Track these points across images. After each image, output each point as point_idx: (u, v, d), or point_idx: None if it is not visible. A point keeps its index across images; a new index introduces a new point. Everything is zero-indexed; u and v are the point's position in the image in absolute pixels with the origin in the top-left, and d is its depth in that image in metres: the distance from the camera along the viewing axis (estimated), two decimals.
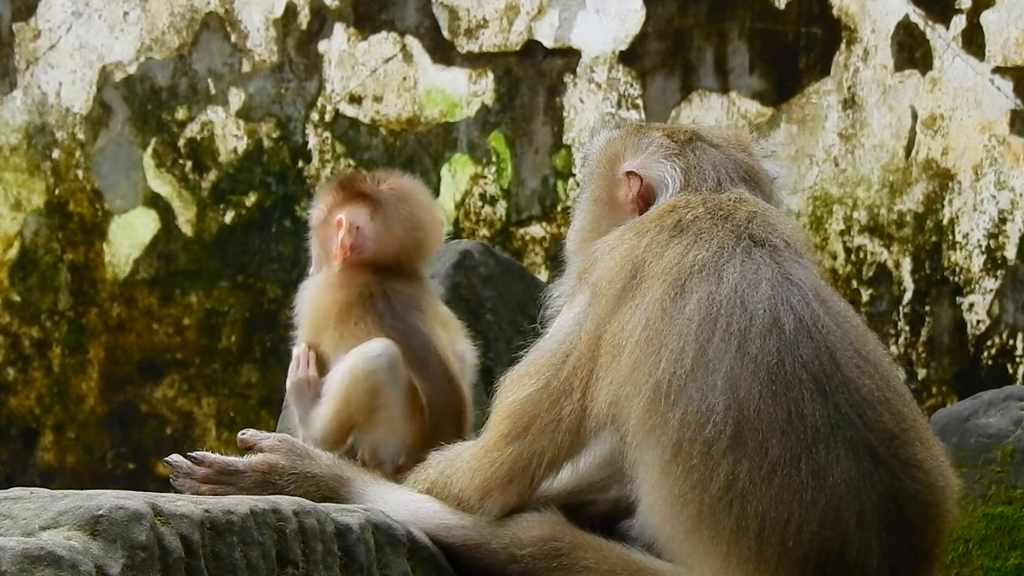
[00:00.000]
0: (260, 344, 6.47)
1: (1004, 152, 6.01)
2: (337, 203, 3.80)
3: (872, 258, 6.10)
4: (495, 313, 4.77)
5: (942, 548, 3.23)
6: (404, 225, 3.79)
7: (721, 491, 3.04)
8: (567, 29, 6.32)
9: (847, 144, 6.13)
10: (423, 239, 3.84)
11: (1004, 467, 3.96)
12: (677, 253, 3.21)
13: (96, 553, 2.70)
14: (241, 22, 6.53)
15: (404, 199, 3.83)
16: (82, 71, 6.62)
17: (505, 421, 3.28)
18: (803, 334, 3.11)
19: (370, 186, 3.80)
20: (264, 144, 6.52)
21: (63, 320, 6.62)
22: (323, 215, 3.83)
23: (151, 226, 6.58)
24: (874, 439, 3.09)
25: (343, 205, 3.78)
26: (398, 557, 3.20)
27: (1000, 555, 3.92)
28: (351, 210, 3.75)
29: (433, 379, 3.67)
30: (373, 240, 3.75)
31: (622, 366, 3.15)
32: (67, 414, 6.59)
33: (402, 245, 3.78)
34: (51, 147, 6.65)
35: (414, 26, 6.43)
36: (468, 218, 6.37)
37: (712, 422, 3.05)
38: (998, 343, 6.00)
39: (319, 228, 3.85)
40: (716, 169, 3.44)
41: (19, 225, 6.67)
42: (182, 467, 3.45)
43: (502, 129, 6.37)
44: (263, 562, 2.95)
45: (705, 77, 6.24)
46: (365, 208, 3.76)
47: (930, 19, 6.08)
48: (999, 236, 6.00)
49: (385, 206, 3.77)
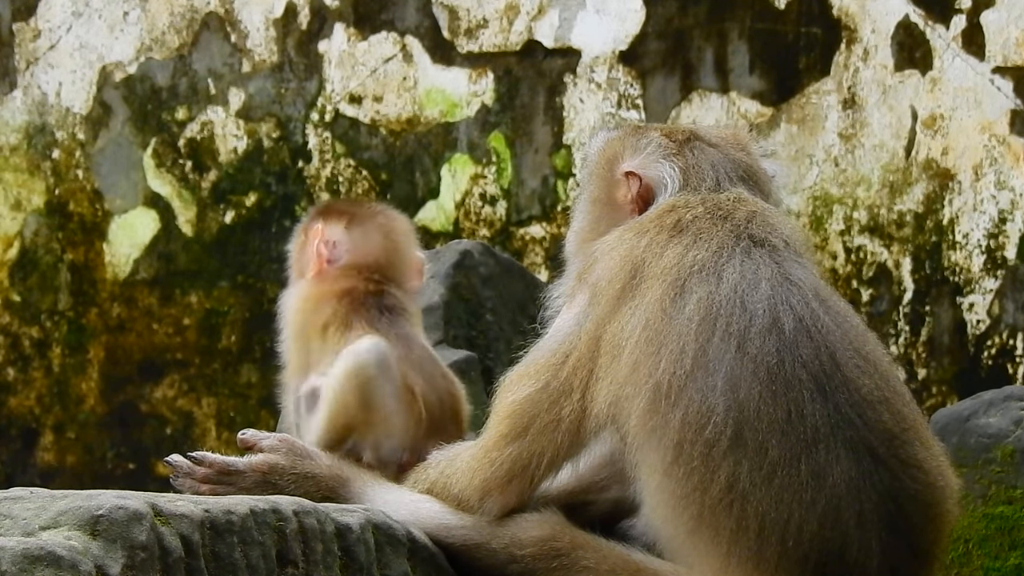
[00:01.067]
0: (260, 344, 6.47)
1: (1004, 152, 6.01)
2: (313, 218, 3.88)
3: (872, 258, 6.10)
4: (495, 313, 4.78)
5: (942, 548, 3.23)
6: (379, 233, 3.84)
7: (721, 492, 3.04)
8: (567, 29, 6.32)
9: (847, 144, 6.13)
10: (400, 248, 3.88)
11: (1004, 467, 3.96)
12: (677, 253, 3.21)
13: (96, 553, 2.70)
14: (241, 22, 6.53)
15: (380, 212, 3.93)
16: (82, 71, 6.62)
17: (505, 421, 3.28)
18: (803, 334, 3.11)
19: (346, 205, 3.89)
20: (264, 144, 6.52)
21: (63, 320, 6.62)
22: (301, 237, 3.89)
23: (151, 226, 6.58)
24: (874, 439, 3.09)
25: (318, 219, 3.86)
26: (398, 557, 3.20)
27: (1000, 555, 3.92)
28: (326, 221, 3.82)
29: (428, 376, 3.67)
30: (349, 250, 3.79)
31: (622, 366, 3.15)
32: (67, 414, 6.60)
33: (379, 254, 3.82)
34: (51, 147, 6.65)
35: (414, 26, 6.43)
36: (468, 218, 6.37)
37: (712, 423, 3.05)
38: (998, 343, 6.00)
39: (296, 243, 3.91)
40: (715, 169, 3.44)
41: (19, 225, 6.67)
42: (182, 467, 3.45)
43: (502, 129, 6.37)
44: (263, 562, 2.95)
45: (705, 77, 6.24)
46: (341, 220, 3.82)
47: (930, 19, 6.08)
48: (999, 236, 6.00)
49: (360, 217, 3.84)
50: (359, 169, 6.44)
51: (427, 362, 3.69)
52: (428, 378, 3.67)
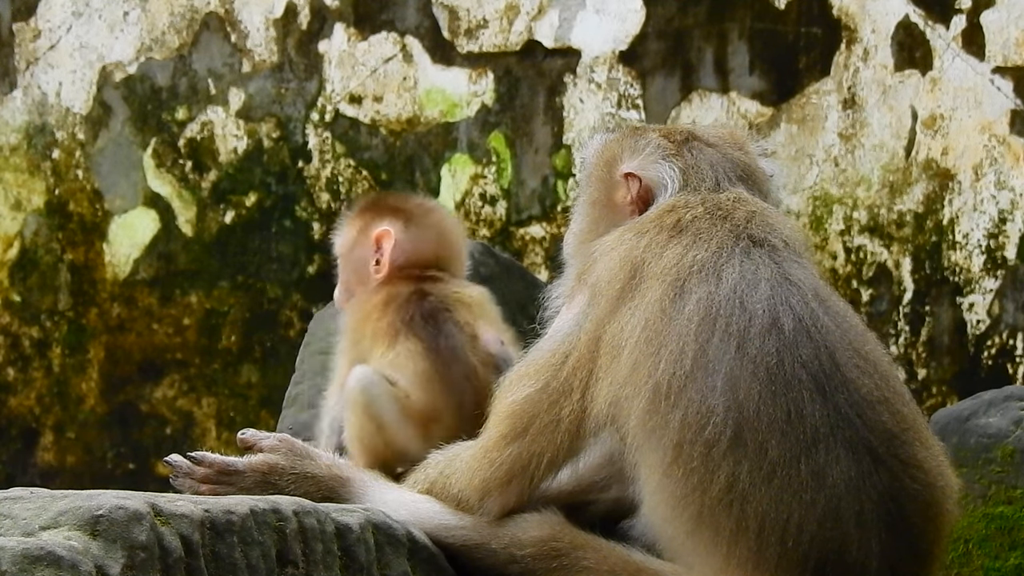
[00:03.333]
0: (260, 344, 6.47)
1: (1004, 152, 6.01)
2: (370, 221, 3.85)
3: (872, 258, 6.10)
4: None
5: (942, 548, 3.23)
6: (434, 231, 3.85)
7: (721, 492, 3.04)
8: (567, 29, 6.32)
9: (847, 144, 6.13)
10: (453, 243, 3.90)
11: (1004, 467, 3.96)
12: (676, 253, 3.21)
13: (96, 553, 2.70)
14: (241, 22, 6.53)
15: (432, 210, 3.95)
16: (82, 71, 6.62)
17: (504, 421, 3.28)
18: (802, 334, 3.11)
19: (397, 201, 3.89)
20: (264, 144, 6.52)
21: (63, 320, 6.62)
22: (354, 236, 3.87)
23: (151, 226, 6.58)
24: (874, 439, 3.09)
25: (378, 220, 3.84)
26: (398, 557, 3.20)
27: (1000, 555, 3.92)
28: (389, 222, 3.81)
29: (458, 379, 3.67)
30: (408, 250, 3.80)
31: (621, 367, 3.15)
32: (67, 414, 6.59)
33: (435, 251, 3.83)
34: (51, 147, 6.65)
35: (414, 26, 6.43)
36: (468, 218, 6.37)
37: (712, 423, 3.05)
38: (998, 343, 6.00)
39: (351, 250, 3.89)
40: (714, 169, 3.44)
41: (19, 225, 6.67)
42: (182, 467, 3.46)
43: (502, 129, 6.37)
44: (263, 562, 2.95)
45: (705, 77, 6.24)
46: (399, 220, 3.82)
47: (930, 19, 6.08)
48: (999, 236, 6.00)
49: (415, 217, 3.84)
50: (359, 169, 6.44)
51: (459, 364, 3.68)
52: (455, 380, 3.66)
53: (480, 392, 3.66)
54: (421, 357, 3.65)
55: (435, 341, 3.66)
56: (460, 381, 3.64)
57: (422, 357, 3.65)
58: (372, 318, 3.73)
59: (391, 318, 3.70)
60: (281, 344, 6.40)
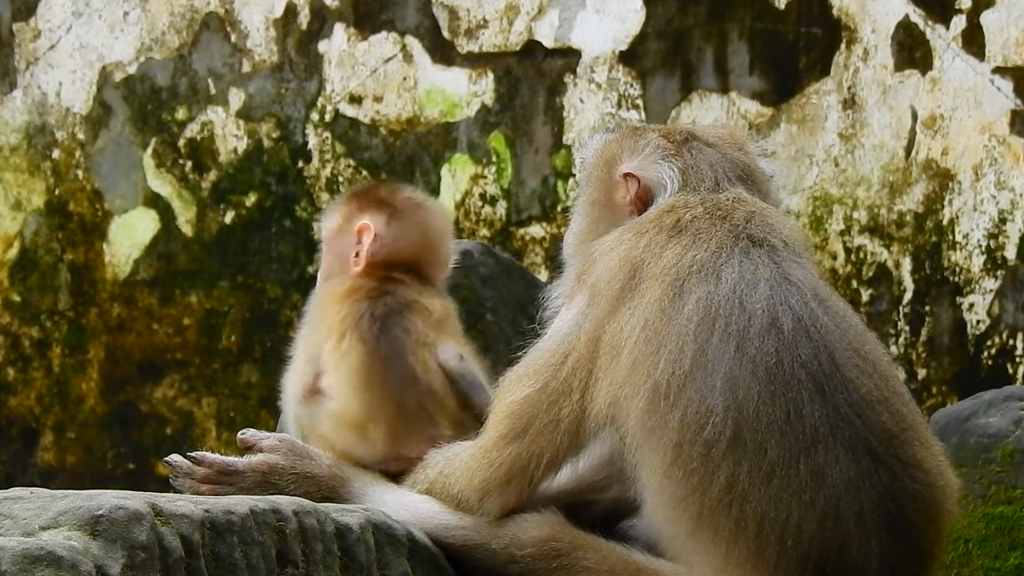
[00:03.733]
0: (260, 344, 6.47)
1: (1004, 152, 6.01)
2: (355, 211, 3.83)
3: (872, 258, 6.10)
4: (495, 313, 4.77)
5: (942, 548, 3.23)
6: (417, 230, 3.82)
7: (721, 492, 3.04)
8: (567, 29, 6.32)
9: (847, 144, 6.13)
10: (434, 244, 3.86)
11: (1004, 467, 3.96)
12: (676, 253, 3.21)
13: (96, 553, 2.70)
14: (241, 22, 6.53)
15: (420, 206, 3.88)
16: (82, 71, 6.62)
17: (504, 422, 3.28)
18: (802, 334, 3.11)
19: (386, 194, 3.85)
20: (264, 144, 6.52)
21: (63, 320, 6.62)
22: (339, 224, 3.85)
23: (151, 226, 6.58)
24: (873, 439, 3.09)
25: (362, 212, 3.81)
26: (398, 557, 3.20)
27: (1000, 555, 3.92)
28: (372, 215, 3.78)
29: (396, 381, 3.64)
30: (388, 246, 3.77)
31: (621, 367, 3.15)
32: (67, 414, 6.60)
33: (414, 251, 3.80)
34: (51, 147, 6.65)
35: (414, 26, 6.43)
36: (468, 218, 6.37)
37: (711, 423, 3.05)
38: (998, 343, 6.00)
39: (335, 237, 3.87)
40: (713, 169, 3.44)
41: (19, 225, 6.67)
42: (182, 467, 3.45)
43: (502, 129, 6.37)
44: (263, 562, 2.95)
45: (705, 77, 6.24)
46: (382, 214, 3.79)
47: (930, 19, 6.08)
48: (999, 236, 6.00)
49: (401, 212, 3.81)
50: (359, 169, 6.44)
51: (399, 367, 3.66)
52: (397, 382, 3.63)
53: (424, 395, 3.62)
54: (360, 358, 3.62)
55: (377, 343, 3.63)
56: (397, 383, 3.61)
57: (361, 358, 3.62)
58: (332, 309, 3.72)
59: (346, 313, 3.68)
60: (281, 344, 6.40)
